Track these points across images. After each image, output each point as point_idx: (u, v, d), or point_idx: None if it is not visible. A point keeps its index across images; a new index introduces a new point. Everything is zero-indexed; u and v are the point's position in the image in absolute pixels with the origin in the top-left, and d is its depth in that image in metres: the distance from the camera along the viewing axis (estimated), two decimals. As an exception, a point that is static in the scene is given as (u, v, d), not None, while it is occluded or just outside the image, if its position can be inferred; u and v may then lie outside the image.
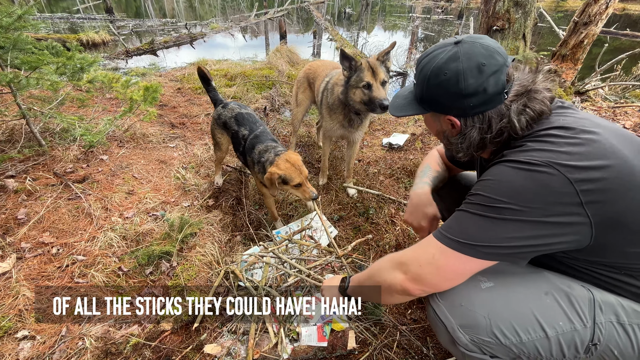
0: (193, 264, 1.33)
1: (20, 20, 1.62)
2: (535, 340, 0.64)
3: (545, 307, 0.65)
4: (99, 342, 1.07)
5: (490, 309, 0.66)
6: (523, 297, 0.66)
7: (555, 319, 0.64)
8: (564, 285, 0.66)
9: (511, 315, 0.65)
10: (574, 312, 0.63)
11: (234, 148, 1.56)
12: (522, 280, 0.68)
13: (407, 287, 0.67)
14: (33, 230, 1.39)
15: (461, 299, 0.68)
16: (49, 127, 2.00)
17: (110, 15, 8.69)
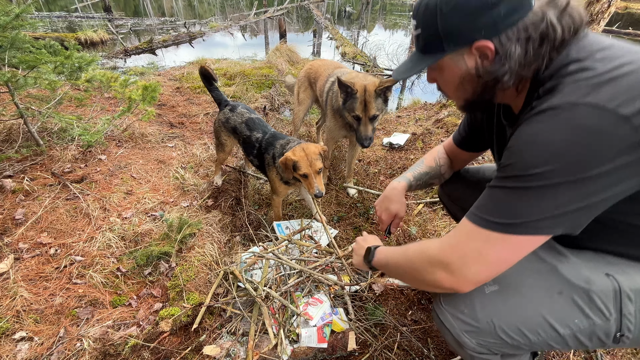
0: (192, 264, 1.32)
1: (18, 19, 1.61)
2: (547, 339, 0.61)
3: (557, 307, 0.60)
4: (97, 343, 1.06)
5: (493, 314, 0.63)
6: (531, 299, 0.62)
7: (569, 318, 0.59)
8: (581, 281, 0.60)
9: (517, 319, 0.62)
10: (594, 308, 0.58)
11: (246, 152, 1.56)
12: (532, 281, 0.63)
13: (458, 287, 0.58)
14: (31, 231, 1.39)
15: (464, 305, 0.66)
16: (47, 127, 1.99)
17: (109, 14, 8.65)
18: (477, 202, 0.57)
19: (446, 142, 1.01)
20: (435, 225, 1.52)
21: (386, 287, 1.21)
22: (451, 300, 0.68)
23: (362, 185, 1.86)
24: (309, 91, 1.93)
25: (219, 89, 1.71)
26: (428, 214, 1.60)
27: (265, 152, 1.44)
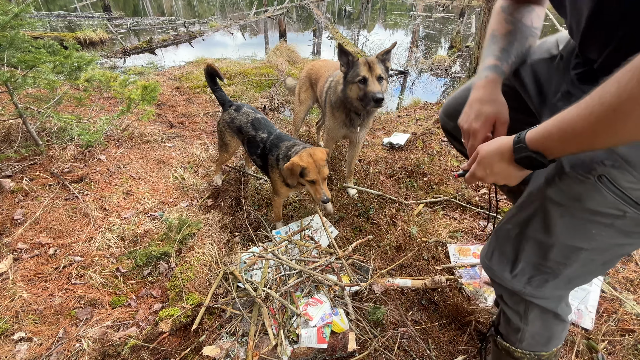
0: (192, 264, 1.32)
1: (17, 19, 1.60)
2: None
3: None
4: (97, 344, 1.06)
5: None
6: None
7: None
8: None
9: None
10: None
11: (250, 151, 1.56)
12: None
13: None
14: (30, 231, 1.38)
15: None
16: (46, 127, 1.98)
17: (108, 13, 8.63)
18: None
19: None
20: (436, 225, 1.52)
21: (386, 287, 1.21)
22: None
23: (362, 185, 1.86)
24: (310, 91, 1.93)
25: (222, 89, 1.70)
26: (428, 214, 1.60)
27: (269, 152, 1.44)
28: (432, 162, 1.98)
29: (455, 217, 1.58)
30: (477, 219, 1.55)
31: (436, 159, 2.00)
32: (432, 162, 1.98)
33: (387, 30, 9.53)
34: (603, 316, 1.10)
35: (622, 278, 1.22)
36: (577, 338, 1.02)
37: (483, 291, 1.20)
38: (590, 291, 1.16)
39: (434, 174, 1.89)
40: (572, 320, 1.09)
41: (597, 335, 1.03)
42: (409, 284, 1.22)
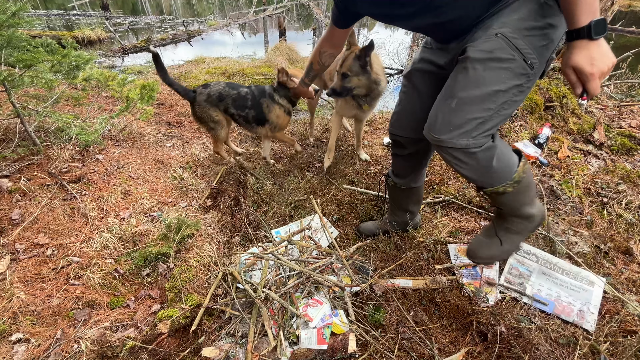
0: (190, 265, 1.31)
1: (14, 17, 1.59)
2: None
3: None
4: (95, 345, 1.05)
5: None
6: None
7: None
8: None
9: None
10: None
11: (240, 108, 1.72)
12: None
13: None
14: (27, 231, 1.37)
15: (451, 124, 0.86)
16: (44, 126, 1.97)
17: (106, 12, 8.60)
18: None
19: (326, 37, 1.14)
20: (436, 225, 1.51)
21: (387, 287, 1.20)
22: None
23: (363, 185, 1.85)
24: (319, 81, 2.06)
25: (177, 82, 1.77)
26: (429, 214, 1.59)
27: (260, 98, 1.71)
28: (433, 162, 1.98)
29: (455, 217, 1.57)
30: (479, 219, 1.54)
31: (437, 159, 2.00)
32: (433, 162, 1.98)
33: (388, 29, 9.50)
34: (605, 317, 1.09)
35: (624, 279, 1.22)
36: (580, 339, 1.02)
37: (484, 291, 1.19)
38: (593, 292, 1.15)
39: (434, 173, 1.88)
40: (574, 322, 1.08)
41: (599, 336, 1.03)
42: (410, 284, 1.21)
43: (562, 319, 1.10)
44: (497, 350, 1.00)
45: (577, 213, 1.55)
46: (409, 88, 1.06)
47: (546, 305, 1.13)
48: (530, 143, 2.03)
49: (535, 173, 1.81)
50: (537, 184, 1.72)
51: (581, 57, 0.67)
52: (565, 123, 2.21)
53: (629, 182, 1.71)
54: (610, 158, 1.93)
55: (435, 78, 0.95)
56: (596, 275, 1.20)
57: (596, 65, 0.67)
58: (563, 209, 1.58)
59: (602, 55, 0.66)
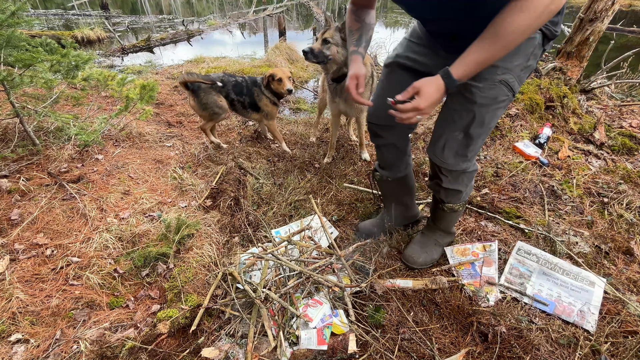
0: (190, 265, 1.30)
1: (13, 17, 1.59)
2: None
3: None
4: (94, 345, 1.05)
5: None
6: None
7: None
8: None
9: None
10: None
11: (239, 94, 1.99)
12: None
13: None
14: (27, 231, 1.37)
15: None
16: (43, 126, 1.97)
17: (106, 11, 8.59)
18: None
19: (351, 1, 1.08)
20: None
21: (387, 288, 1.20)
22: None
23: (363, 185, 1.84)
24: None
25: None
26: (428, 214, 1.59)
27: (253, 87, 1.99)
28: (433, 162, 1.97)
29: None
30: (479, 219, 1.54)
31: (437, 159, 1.99)
32: (433, 162, 1.97)
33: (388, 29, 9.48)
34: (606, 317, 1.09)
35: (625, 279, 1.21)
36: (580, 340, 1.02)
37: (485, 291, 1.19)
38: (593, 292, 1.15)
39: (434, 173, 1.88)
40: (574, 322, 1.08)
41: (600, 337, 1.02)
42: (410, 284, 1.21)
43: (563, 319, 1.09)
44: (497, 351, 0.99)
45: (577, 213, 1.55)
46: (390, 79, 1.10)
47: (547, 305, 1.13)
48: (530, 143, 2.02)
49: (535, 173, 1.81)
50: (538, 184, 1.72)
51: (432, 88, 0.79)
52: (566, 123, 2.21)
53: (630, 182, 1.71)
54: (611, 158, 1.92)
55: (416, 74, 0.99)
56: (597, 276, 1.20)
57: (429, 106, 0.80)
58: (564, 209, 1.58)
59: (434, 102, 0.80)
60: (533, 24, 0.66)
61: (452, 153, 0.99)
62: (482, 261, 1.29)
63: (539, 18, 0.65)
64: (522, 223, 1.48)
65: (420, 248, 1.30)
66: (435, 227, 1.29)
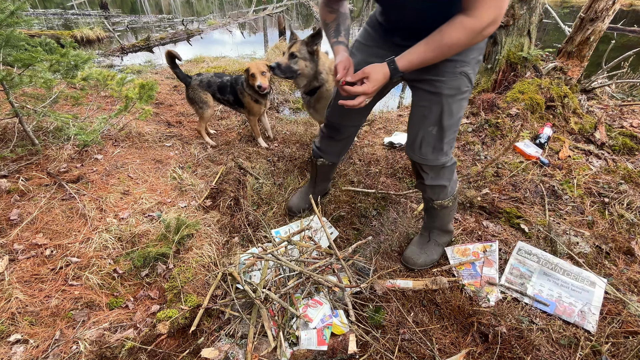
0: (190, 266, 1.30)
1: (13, 16, 1.58)
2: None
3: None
4: (94, 346, 1.05)
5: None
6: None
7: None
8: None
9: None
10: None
11: (222, 92, 2.11)
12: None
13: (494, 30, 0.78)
14: (26, 232, 1.37)
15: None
16: (42, 126, 1.96)
17: (105, 11, 8.58)
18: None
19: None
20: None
21: (387, 288, 1.20)
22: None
23: (363, 185, 1.84)
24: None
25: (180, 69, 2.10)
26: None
27: (235, 85, 2.07)
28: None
29: (456, 217, 1.56)
30: (479, 219, 1.54)
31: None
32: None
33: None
34: (607, 318, 1.09)
35: (625, 279, 1.21)
36: (581, 340, 1.01)
37: (485, 291, 1.18)
38: (594, 293, 1.15)
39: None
40: (575, 323, 1.08)
41: (600, 337, 1.02)
42: (410, 284, 1.21)
43: (564, 319, 1.09)
44: (498, 351, 0.99)
45: (578, 213, 1.54)
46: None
47: (547, 305, 1.13)
48: (531, 143, 2.02)
49: (536, 173, 1.80)
50: (538, 184, 1.71)
51: (379, 75, 0.88)
52: (567, 123, 2.20)
53: (631, 182, 1.71)
54: (612, 158, 1.92)
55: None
56: (597, 276, 1.19)
57: (375, 87, 0.88)
58: (564, 209, 1.57)
59: (379, 85, 0.89)
60: (469, 42, 0.79)
61: (430, 148, 1.05)
62: (482, 261, 1.28)
63: (474, 39, 0.78)
64: (522, 223, 1.48)
65: (419, 249, 1.32)
66: (431, 226, 1.32)
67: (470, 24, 0.75)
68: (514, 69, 2.35)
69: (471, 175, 1.82)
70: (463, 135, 2.17)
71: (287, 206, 1.63)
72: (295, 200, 1.62)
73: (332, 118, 1.25)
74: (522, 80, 2.31)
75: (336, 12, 1.09)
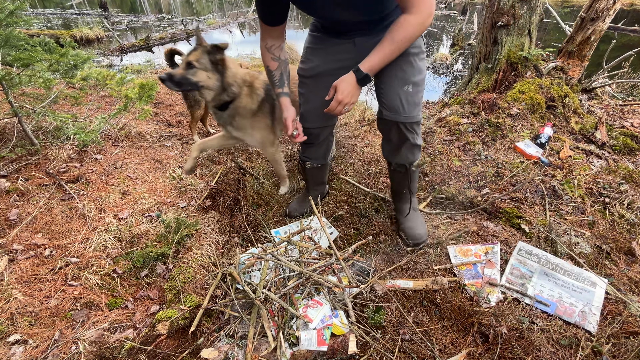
0: (189, 266, 1.30)
1: (12, 16, 1.58)
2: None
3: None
4: (93, 346, 1.04)
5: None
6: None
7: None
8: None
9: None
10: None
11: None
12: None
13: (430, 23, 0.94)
14: (25, 232, 1.36)
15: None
16: (42, 126, 1.96)
17: (105, 10, 8.57)
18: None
19: (262, 34, 1.19)
20: (437, 226, 1.51)
21: (387, 288, 1.19)
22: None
23: (364, 185, 1.83)
24: None
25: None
26: (429, 214, 1.58)
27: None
28: (434, 162, 1.96)
29: (457, 217, 1.56)
30: (480, 219, 1.53)
31: (438, 159, 1.99)
32: (434, 162, 1.96)
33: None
34: (607, 318, 1.08)
35: (626, 279, 1.21)
36: (582, 341, 1.01)
37: (486, 292, 1.18)
38: (595, 293, 1.15)
39: (435, 173, 1.87)
40: (576, 323, 1.08)
41: (601, 338, 1.02)
42: (410, 285, 1.20)
43: (564, 320, 1.09)
44: (498, 352, 0.99)
45: (579, 213, 1.54)
46: (315, 87, 1.21)
47: (548, 306, 1.13)
48: (531, 142, 2.02)
49: (537, 173, 1.80)
50: (539, 184, 1.71)
51: (344, 83, 1.00)
52: (567, 122, 2.20)
53: (631, 182, 1.70)
54: (613, 158, 1.91)
55: (335, 78, 1.07)
56: (598, 276, 1.19)
57: (350, 97, 1.01)
58: (565, 209, 1.57)
59: (353, 94, 1.02)
60: (418, 34, 0.94)
61: (412, 106, 1.12)
62: (484, 263, 1.28)
63: (421, 31, 0.94)
64: (523, 223, 1.47)
65: (415, 225, 1.39)
66: (411, 195, 1.39)
67: (415, 20, 0.91)
68: (515, 68, 2.34)
69: (471, 175, 1.81)
70: (463, 135, 2.17)
71: (286, 211, 1.61)
72: (295, 205, 1.62)
73: (308, 124, 1.29)
74: (522, 80, 2.30)
75: (278, 60, 1.19)
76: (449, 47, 6.09)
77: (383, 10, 1.02)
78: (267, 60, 1.19)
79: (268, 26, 1.15)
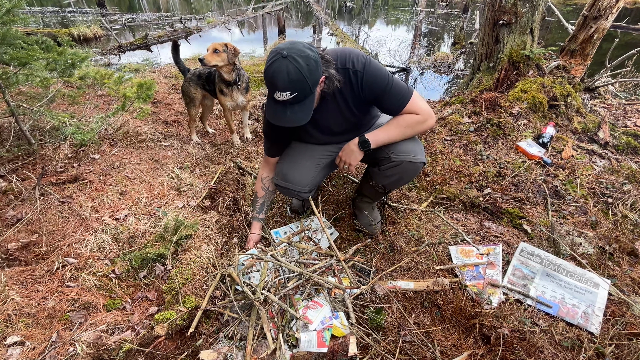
0: (188, 267, 1.29)
1: (9, 14, 1.56)
2: None
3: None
4: (91, 348, 1.03)
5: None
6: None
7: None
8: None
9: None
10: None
11: (208, 83, 2.09)
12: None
13: (433, 124, 1.15)
14: (22, 232, 1.35)
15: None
16: (39, 125, 1.94)
17: (103, 9, 8.52)
18: (394, 101, 1.10)
19: (263, 165, 1.39)
20: (438, 226, 1.49)
21: (388, 290, 1.18)
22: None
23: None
24: None
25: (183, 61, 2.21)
26: (430, 215, 1.57)
27: (216, 73, 2.03)
28: (435, 162, 1.95)
29: (458, 218, 1.55)
30: (482, 220, 1.52)
31: (439, 159, 1.97)
32: (435, 162, 1.95)
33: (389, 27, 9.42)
34: (610, 320, 1.07)
35: (629, 280, 1.20)
36: (584, 342, 1.00)
37: (488, 293, 1.17)
38: (597, 294, 1.13)
39: (436, 173, 1.86)
40: (578, 324, 1.07)
41: (604, 339, 1.01)
42: (411, 286, 1.19)
43: (567, 321, 1.08)
44: (500, 353, 0.98)
45: (581, 213, 1.53)
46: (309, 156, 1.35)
47: (550, 307, 1.11)
48: (533, 142, 2.00)
49: (539, 173, 1.79)
50: (541, 184, 1.69)
51: (348, 146, 1.20)
52: (570, 122, 2.18)
53: (635, 182, 1.69)
54: (615, 157, 1.90)
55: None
56: (601, 277, 1.18)
57: (353, 159, 1.20)
58: (567, 209, 1.56)
59: (356, 157, 1.19)
60: (418, 125, 1.13)
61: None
62: (486, 264, 1.27)
63: (420, 123, 1.13)
64: (525, 223, 1.46)
65: (370, 215, 1.48)
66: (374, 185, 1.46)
67: (416, 117, 1.11)
68: (517, 67, 2.32)
69: (473, 175, 1.80)
70: (465, 134, 2.15)
71: (291, 209, 1.68)
72: (296, 201, 1.65)
73: (308, 194, 1.39)
74: (524, 79, 2.28)
75: (266, 190, 1.40)
76: (451, 46, 6.07)
77: (370, 127, 1.26)
78: (258, 188, 1.41)
79: (270, 158, 1.35)
